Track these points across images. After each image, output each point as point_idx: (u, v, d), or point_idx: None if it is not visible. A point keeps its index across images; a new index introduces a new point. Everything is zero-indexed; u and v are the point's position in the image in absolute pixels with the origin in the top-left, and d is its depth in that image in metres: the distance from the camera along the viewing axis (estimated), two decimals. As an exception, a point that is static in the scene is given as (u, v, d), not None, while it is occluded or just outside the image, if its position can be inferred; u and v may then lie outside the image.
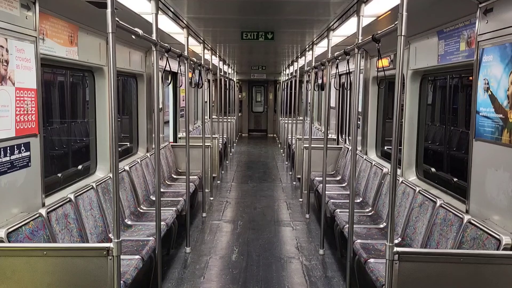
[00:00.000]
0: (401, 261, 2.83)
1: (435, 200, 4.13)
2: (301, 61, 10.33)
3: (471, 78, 5.25)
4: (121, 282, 3.23)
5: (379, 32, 3.45)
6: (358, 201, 6.12)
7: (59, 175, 5.21)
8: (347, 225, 4.58)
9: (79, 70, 5.66)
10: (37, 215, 3.37)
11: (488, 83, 3.46)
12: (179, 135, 9.83)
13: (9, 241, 2.96)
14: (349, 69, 4.84)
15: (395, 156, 2.96)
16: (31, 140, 3.49)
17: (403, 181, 4.93)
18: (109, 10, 2.78)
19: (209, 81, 13.19)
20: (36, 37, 3.53)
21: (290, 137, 12.19)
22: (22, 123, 3.37)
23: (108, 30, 2.79)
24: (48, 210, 3.53)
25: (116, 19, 2.85)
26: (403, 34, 2.81)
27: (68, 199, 3.95)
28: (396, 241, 4.46)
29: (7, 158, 3.20)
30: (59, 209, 3.72)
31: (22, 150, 3.38)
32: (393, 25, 2.98)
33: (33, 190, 3.56)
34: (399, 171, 5.35)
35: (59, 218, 3.68)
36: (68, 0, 3.91)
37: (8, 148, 3.21)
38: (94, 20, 4.59)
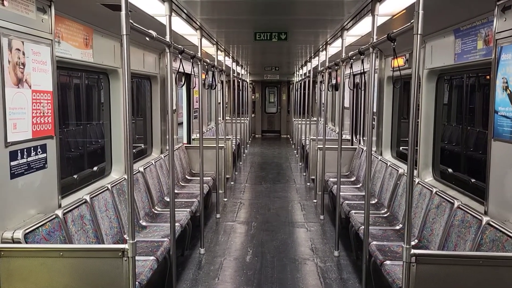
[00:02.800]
0: (419, 264, 2.79)
1: (452, 201, 4.06)
2: (315, 62, 10.28)
3: (488, 76, 5.18)
4: (136, 283, 3.24)
5: (395, 31, 3.40)
6: (373, 202, 6.06)
7: (75, 176, 5.26)
8: (363, 227, 4.53)
9: (94, 72, 5.71)
10: (54, 216, 3.40)
11: (506, 82, 3.40)
12: (193, 136, 9.86)
13: (26, 242, 2.99)
14: (363, 69, 4.79)
15: (411, 157, 2.91)
16: (48, 142, 3.53)
17: (420, 182, 4.86)
18: (123, 13, 2.80)
19: (222, 82, 13.20)
20: (51, 40, 3.57)
21: (303, 138, 12.14)
22: (39, 125, 3.41)
23: (122, 32, 2.80)
24: (64, 211, 3.56)
25: (130, 21, 2.86)
26: (419, 33, 2.77)
27: (84, 200, 3.98)
28: (412, 243, 4.39)
29: (24, 160, 3.23)
30: (75, 210, 3.75)
31: (39, 151, 3.42)
32: (409, 23, 2.93)
33: (50, 191, 3.59)
34: (415, 172, 5.27)
35: (75, 219, 3.71)
36: (83, 3, 3.94)
37: (25, 150, 3.24)
38: (108, 23, 4.63)
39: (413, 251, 2.78)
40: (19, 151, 3.17)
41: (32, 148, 3.33)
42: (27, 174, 3.27)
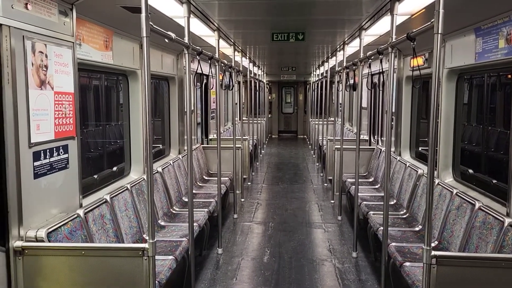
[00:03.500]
0: (439, 265, 2.76)
1: (473, 202, 4.00)
2: (332, 62, 10.24)
3: (510, 76, 5.09)
4: (156, 282, 3.28)
5: (414, 30, 3.37)
6: (392, 203, 6.00)
7: (95, 176, 5.33)
8: (381, 228, 4.50)
9: (113, 74, 5.79)
10: (75, 215, 3.46)
11: (530, 81, 3.33)
12: (210, 136, 9.91)
13: (49, 241, 3.04)
14: (382, 69, 4.75)
15: (431, 157, 2.88)
16: (69, 143, 3.59)
17: (440, 183, 4.80)
18: (143, 15, 2.84)
19: (239, 83, 13.25)
20: (73, 42, 3.63)
21: (320, 138, 12.09)
22: (61, 126, 3.47)
23: (142, 34, 2.85)
24: (86, 210, 3.62)
25: (150, 23, 2.90)
26: (439, 32, 2.73)
27: (104, 200, 4.04)
28: (432, 245, 4.35)
29: (47, 160, 3.30)
30: (96, 210, 3.81)
31: (61, 152, 3.48)
32: (429, 23, 2.90)
33: (71, 191, 3.66)
34: (435, 173, 5.21)
35: (96, 218, 3.76)
36: (104, 5, 4.00)
37: (48, 150, 3.31)
38: (127, 25, 4.69)
39: (433, 252, 2.75)
40: (42, 151, 3.24)
41: (54, 149, 3.39)
42: (50, 174, 3.34)
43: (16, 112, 2.94)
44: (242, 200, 8.42)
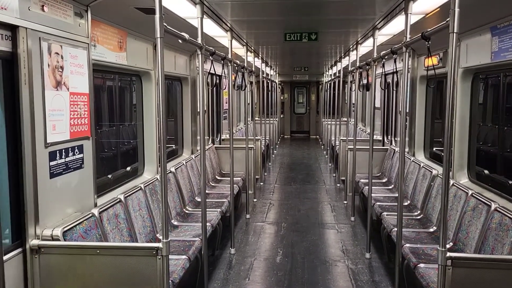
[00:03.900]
0: (455, 267, 2.73)
1: (489, 203, 3.95)
2: (345, 61, 10.19)
3: (527, 75, 5.00)
4: (169, 281, 3.30)
5: (429, 29, 3.34)
6: (406, 204, 5.95)
7: (109, 176, 5.38)
8: (395, 229, 4.46)
9: (126, 75, 5.83)
10: (90, 214, 3.50)
11: (547, 81, 3.28)
12: (223, 136, 9.93)
13: (64, 240, 3.08)
14: (396, 68, 4.72)
15: (447, 158, 2.85)
16: (84, 143, 3.63)
17: (455, 184, 4.75)
18: (157, 16, 2.86)
19: (251, 83, 13.26)
20: (88, 43, 3.67)
21: (333, 139, 12.04)
22: (76, 126, 3.51)
23: (156, 35, 2.87)
24: (100, 210, 3.66)
25: (164, 24, 2.92)
26: (455, 31, 2.71)
27: (118, 200, 4.07)
28: (447, 246, 4.30)
29: (63, 160, 3.34)
30: (110, 209, 3.84)
31: (76, 152, 3.52)
32: (445, 22, 2.87)
33: (86, 190, 3.70)
34: (450, 173, 5.16)
35: (110, 218, 3.80)
36: (118, 7, 4.03)
37: (63, 150, 3.35)
38: (141, 26, 4.72)
39: (449, 254, 2.72)
40: (57, 151, 3.28)
41: (70, 149, 3.43)
42: (65, 174, 3.38)
43: (32, 112, 2.98)
44: (255, 200, 8.42)
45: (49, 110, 3.16)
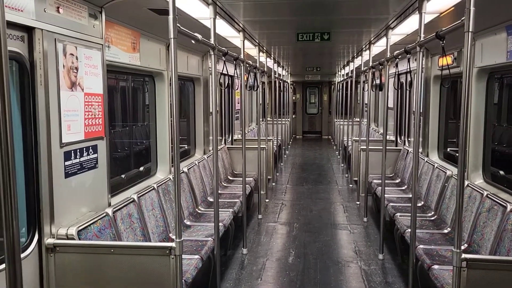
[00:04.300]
0: (470, 269, 2.70)
1: (505, 204, 3.90)
2: (357, 61, 10.14)
3: (544, 74, 4.93)
4: (182, 280, 3.31)
5: (444, 29, 3.30)
6: (420, 205, 5.89)
7: (123, 176, 5.43)
8: (409, 230, 4.43)
9: (139, 75, 5.88)
10: (104, 214, 3.53)
11: None
12: (234, 137, 9.95)
13: (79, 239, 3.12)
14: (409, 68, 4.68)
15: (462, 158, 2.82)
16: (98, 143, 3.66)
17: (469, 185, 4.69)
18: (171, 17, 2.88)
19: (263, 83, 13.27)
20: (102, 44, 3.71)
21: (345, 139, 11.99)
22: (90, 126, 3.55)
23: (170, 36, 2.89)
24: (114, 209, 3.69)
25: (178, 25, 2.94)
26: (470, 30, 2.68)
27: (132, 199, 4.10)
28: (462, 247, 4.26)
29: (77, 160, 3.38)
30: (124, 209, 3.87)
31: (90, 152, 3.56)
32: (459, 21, 2.84)
33: (100, 190, 3.73)
34: (465, 174, 5.09)
35: (124, 217, 3.83)
36: (132, 8, 4.07)
37: (78, 150, 3.39)
38: (155, 27, 4.76)
39: (463, 255, 2.69)
40: (72, 151, 3.32)
41: (84, 149, 3.47)
42: (80, 174, 3.41)
43: (48, 113, 3.02)
44: (267, 200, 8.42)
45: (64, 110, 3.20)
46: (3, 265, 2.62)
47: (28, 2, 2.81)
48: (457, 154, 6.12)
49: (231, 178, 8.01)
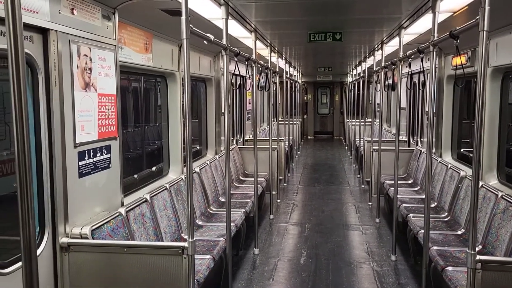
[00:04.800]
0: (484, 270, 2.67)
1: (520, 206, 3.84)
2: (369, 61, 10.08)
3: (560, 74, 4.85)
4: (195, 280, 3.32)
5: (458, 28, 3.27)
6: (433, 205, 5.83)
7: (135, 176, 5.47)
8: (422, 231, 4.39)
9: (151, 76, 5.91)
10: (117, 214, 3.56)
11: None
12: (246, 137, 9.96)
13: (93, 238, 3.15)
14: (423, 68, 4.64)
15: (476, 159, 2.79)
16: (111, 143, 3.70)
17: (484, 185, 4.64)
18: (183, 18, 2.89)
19: (275, 83, 13.25)
20: (115, 45, 3.74)
21: (357, 139, 11.93)
22: (104, 127, 3.58)
23: (182, 37, 2.90)
24: (127, 209, 3.71)
25: (190, 25, 2.95)
26: (485, 29, 2.64)
27: (144, 199, 4.13)
28: (476, 249, 4.21)
29: (91, 160, 3.41)
30: (137, 209, 3.90)
31: (104, 152, 3.59)
32: (474, 20, 2.81)
33: (113, 190, 3.76)
34: (479, 175, 5.03)
35: (137, 217, 3.86)
36: (144, 9, 4.09)
37: (92, 150, 3.42)
38: (167, 28, 4.78)
39: (478, 257, 2.66)
40: (86, 151, 3.35)
41: (97, 149, 3.50)
42: (93, 174, 3.45)
43: (62, 113, 3.05)
44: (278, 201, 8.41)
45: (78, 111, 3.24)
46: (19, 264, 2.67)
47: (43, 4, 2.84)
48: (470, 155, 6.06)
49: (242, 178, 8.02)
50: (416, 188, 7.01)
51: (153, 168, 5.96)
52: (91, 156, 3.42)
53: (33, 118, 2.96)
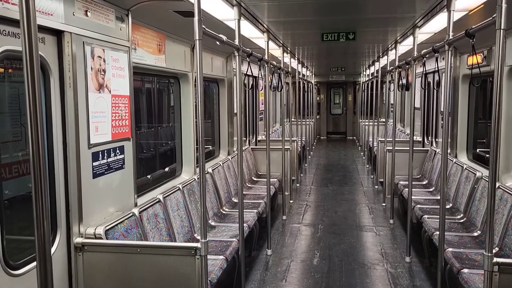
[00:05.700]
0: (502, 273, 2.62)
1: (538, 207, 3.77)
2: (383, 61, 10.00)
3: None
4: (207, 281, 3.33)
5: (473, 26, 3.22)
6: (448, 207, 5.76)
7: (148, 176, 5.50)
8: (437, 232, 4.33)
9: (164, 77, 5.94)
10: (131, 214, 3.58)
11: None
12: (259, 138, 9.95)
13: (106, 238, 3.17)
14: (437, 67, 4.58)
15: (493, 159, 2.74)
16: (125, 144, 3.72)
17: (500, 186, 4.56)
18: (196, 19, 2.90)
19: (287, 84, 13.22)
20: (129, 47, 3.76)
21: (371, 140, 11.84)
22: (117, 127, 3.60)
23: (195, 37, 2.91)
24: (140, 210, 3.73)
25: (203, 26, 2.95)
26: (502, 27, 2.60)
27: (158, 200, 4.14)
28: (493, 251, 4.14)
29: (105, 161, 3.43)
30: (150, 209, 3.92)
31: (117, 153, 3.61)
32: (490, 18, 2.76)
33: (127, 190, 3.79)
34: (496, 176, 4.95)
35: (150, 217, 3.87)
36: (157, 10, 4.11)
37: (105, 151, 3.44)
38: (180, 29, 4.80)
39: (495, 259, 2.61)
40: (100, 152, 3.37)
41: (111, 150, 3.52)
42: (107, 174, 3.47)
43: (77, 114, 3.08)
44: (291, 201, 8.39)
45: (92, 112, 3.26)
46: (32, 265, 2.70)
47: (58, 6, 2.87)
48: (486, 155, 5.96)
49: (255, 179, 8.01)
50: (430, 189, 6.93)
51: (166, 169, 5.99)
52: (105, 157, 3.44)
53: (45, 119, 2.98)
